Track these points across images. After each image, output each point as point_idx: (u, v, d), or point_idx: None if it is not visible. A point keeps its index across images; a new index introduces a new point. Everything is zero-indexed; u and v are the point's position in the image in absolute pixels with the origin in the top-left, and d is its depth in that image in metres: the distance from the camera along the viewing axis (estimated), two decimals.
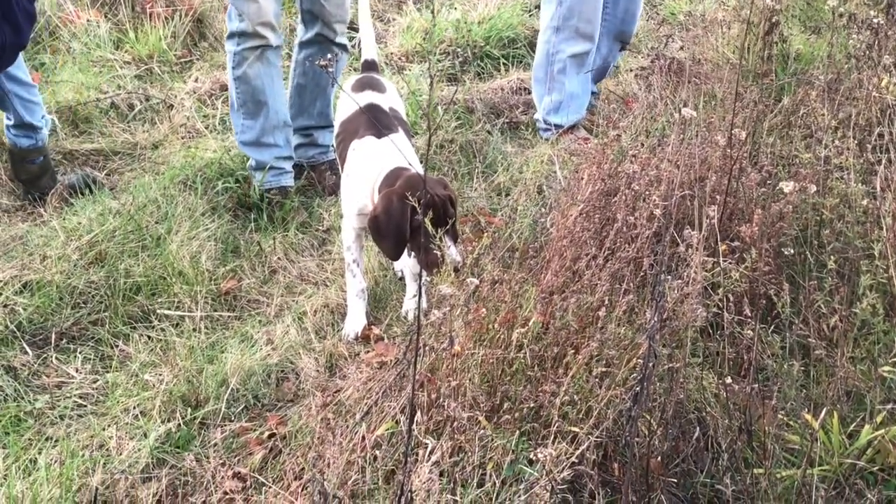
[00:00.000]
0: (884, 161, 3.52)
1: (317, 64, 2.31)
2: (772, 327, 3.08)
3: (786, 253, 3.12)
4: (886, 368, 2.71)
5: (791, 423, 2.79)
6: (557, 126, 4.93)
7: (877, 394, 2.80)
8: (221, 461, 2.77)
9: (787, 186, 3.20)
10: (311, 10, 4.31)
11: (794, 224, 3.41)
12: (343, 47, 4.43)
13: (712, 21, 5.45)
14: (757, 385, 2.73)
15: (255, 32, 4.08)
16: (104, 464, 2.81)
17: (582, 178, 3.57)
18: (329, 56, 4.26)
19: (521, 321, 2.73)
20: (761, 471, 2.60)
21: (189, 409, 3.00)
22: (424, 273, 3.15)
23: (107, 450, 2.87)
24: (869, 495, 2.64)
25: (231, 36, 4.17)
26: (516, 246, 3.57)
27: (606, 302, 2.85)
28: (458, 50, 5.66)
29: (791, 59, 5.20)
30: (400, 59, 5.66)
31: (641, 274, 3.08)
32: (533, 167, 4.53)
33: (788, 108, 4.13)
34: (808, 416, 2.67)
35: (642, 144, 3.94)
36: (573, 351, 2.66)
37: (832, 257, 3.08)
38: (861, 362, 2.93)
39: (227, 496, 2.59)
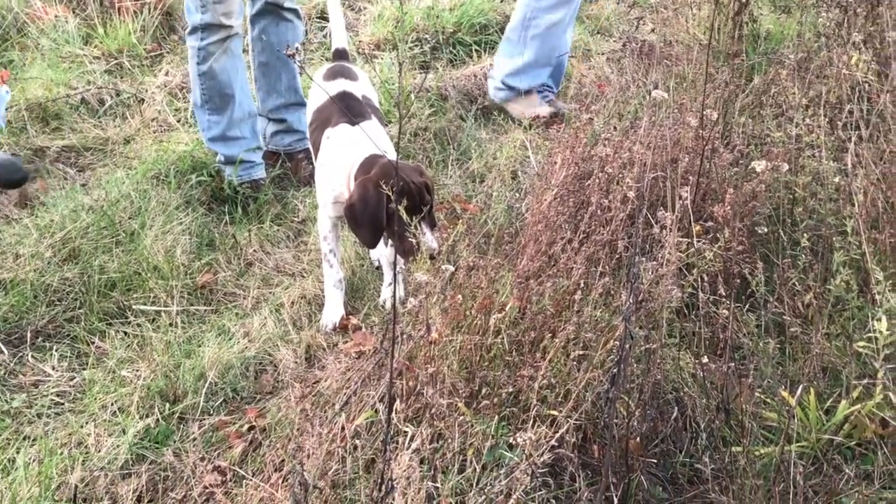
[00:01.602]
0: (854, 138, 3.54)
1: (279, 51, 2.31)
2: (747, 306, 3.10)
3: (759, 231, 3.13)
4: (861, 344, 2.73)
5: (768, 400, 2.81)
6: (512, 88, 4.98)
7: (852, 369, 2.82)
8: (201, 455, 2.76)
9: (760, 166, 3.22)
10: None
11: (766, 203, 3.43)
12: (295, 12, 4.35)
13: (682, 3, 5.45)
14: (733, 364, 2.75)
15: (220, 23, 4.01)
16: (83, 461, 2.79)
17: (556, 163, 3.57)
18: (289, 35, 4.21)
19: (497, 307, 2.73)
20: (739, 449, 2.62)
21: (167, 405, 2.99)
22: (400, 261, 3.15)
23: (85, 447, 2.85)
24: (847, 470, 2.67)
25: (194, 30, 4.09)
26: (491, 232, 3.57)
27: (582, 285, 2.86)
28: (428, 37, 5.64)
29: (761, 39, 5.22)
30: (371, 47, 5.64)
31: (617, 256, 3.09)
32: (507, 153, 4.53)
33: (759, 88, 4.14)
34: (785, 394, 2.69)
35: (615, 128, 3.95)
36: (550, 335, 2.67)
37: (805, 235, 3.10)
38: (836, 339, 2.96)
39: (208, 490, 2.58)
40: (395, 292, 2.23)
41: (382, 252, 3.37)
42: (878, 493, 2.61)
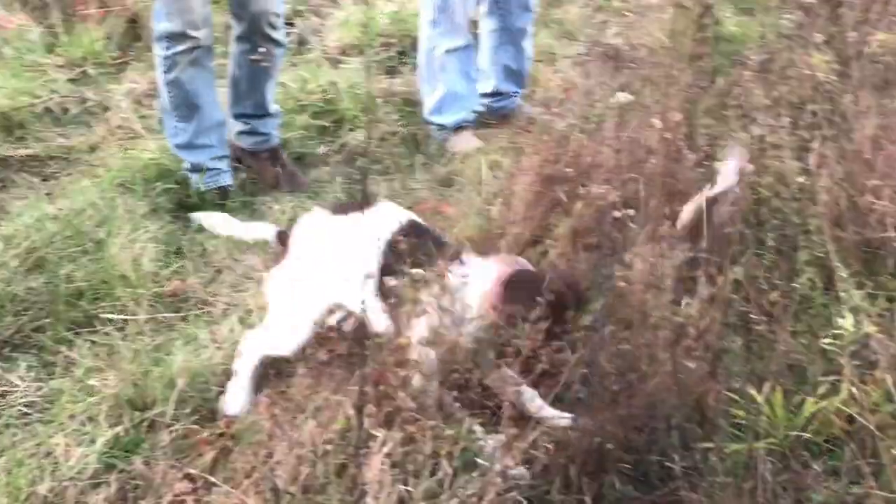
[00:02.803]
0: (817, 138, 3.59)
1: (250, 59, 2.29)
2: (714, 304, 3.12)
3: (724, 231, 3.15)
4: (826, 341, 2.75)
5: (736, 398, 2.84)
6: (442, 127, 4.83)
7: (818, 366, 2.86)
8: (171, 463, 2.74)
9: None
10: (238, 2, 4.18)
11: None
12: (276, 42, 4.29)
13: (646, 6, 5.50)
14: (704, 362, 2.77)
15: (185, 33, 3.98)
16: (52, 471, 2.76)
17: (524, 166, 3.60)
18: (262, 50, 4.17)
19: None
20: (709, 446, 2.64)
21: (136, 413, 2.97)
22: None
23: (54, 457, 2.83)
24: (815, 466, 2.70)
25: (160, 38, 4.06)
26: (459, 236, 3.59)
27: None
28: (395, 42, 5.65)
29: (725, 41, 5.27)
30: (337, 53, 5.64)
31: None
32: (475, 157, 4.55)
33: (723, 89, 4.18)
34: (753, 391, 2.72)
35: (582, 130, 3.97)
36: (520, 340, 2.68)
37: (770, 234, 3.13)
38: (802, 336, 2.99)
39: (178, 497, 2.57)
40: (365, 298, 2.24)
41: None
42: (846, 489, 2.64)
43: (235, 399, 3.01)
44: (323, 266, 2.92)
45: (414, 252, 2.63)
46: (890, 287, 3.08)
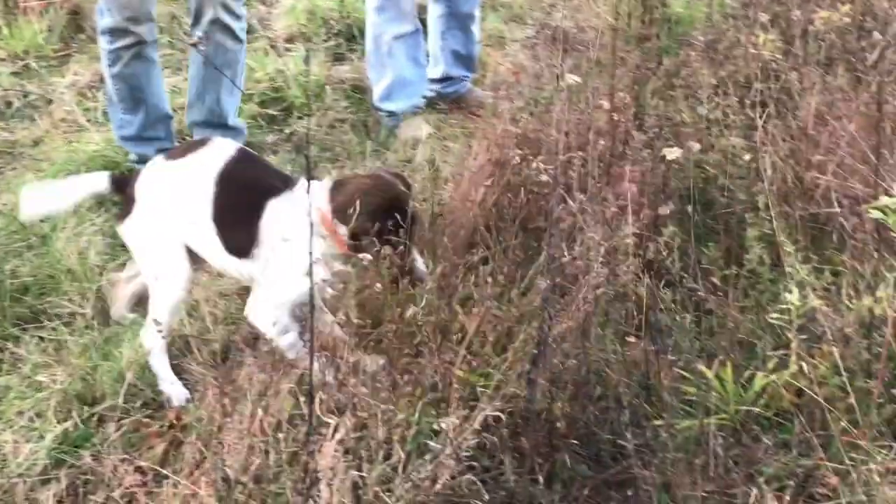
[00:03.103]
0: (762, 116, 3.62)
1: (190, 43, 2.27)
2: (663, 282, 3.14)
3: (669, 211, 3.16)
4: (774, 316, 2.78)
5: (687, 375, 2.86)
6: (391, 113, 4.79)
7: (767, 341, 2.88)
8: (121, 457, 2.72)
9: (671, 154, 3.26)
10: None
11: (680, 181, 3.48)
12: (232, 33, 4.13)
13: None
14: (653, 341, 2.79)
15: (126, 29, 3.92)
16: (1, 469, 2.73)
17: (474, 150, 3.59)
18: (199, 35, 4.06)
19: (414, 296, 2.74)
20: (661, 423, 2.66)
21: (86, 408, 2.94)
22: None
23: (2, 454, 2.79)
24: (765, 439, 2.72)
25: (103, 32, 4.01)
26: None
27: (506, 270, 2.88)
28: (343, 29, 5.62)
29: (672, 23, 5.29)
30: (284, 40, 5.59)
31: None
32: (425, 142, 4.54)
33: (670, 70, 4.20)
34: (703, 367, 2.73)
35: (531, 114, 3.98)
36: (469, 321, 2.68)
37: (718, 211, 3.16)
38: (750, 312, 3.01)
39: (129, 491, 2.54)
40: (312, 286, 2.22)
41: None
42: (796, 461, 2.66)
43: (174, 390, 3.00)
44: (170, 211, 3.00)
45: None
46: (835, 261, 3.11)
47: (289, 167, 4.39)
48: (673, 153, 3.16)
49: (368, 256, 2.67)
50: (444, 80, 5.04)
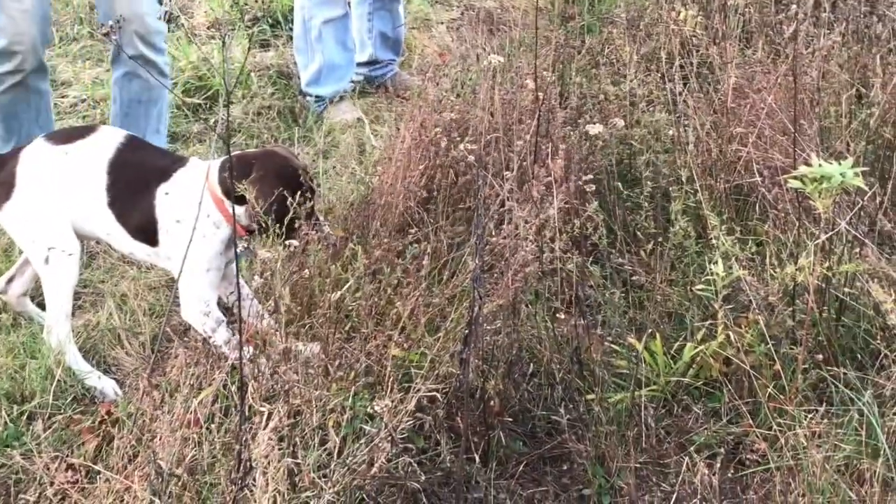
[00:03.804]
0: (685, 91, 3.67)
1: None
2: (591, 258, 3.18)
3: (594, 186, 3.19)
4: (700, 287, 2.83)
5: (617, 348, 2.90)
6: (319, 98, 4.75)
7: (694, 312, 2.93)
8: (53, 454, 2.67)
9: (594, 129, 3.29)
10: (105, 10, 3.75)
11: (605, 157, 3.51)
12: (155, 66, 3.83)
13: None
14: (583, 316, 2.82)
15: (10, 51, 3.60)
16: None
17: (402, 133, 3.58)
18: (146, 95, 3.86)
19: (345, 280, 2.74)
20: (593, 397, 2.69)
21: (14, 406, 2.88)
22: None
23: None
24: (696, 409, 2.78)
25: None
26: (333, 205, 3.56)
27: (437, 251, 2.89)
28: (267, 16, 5.56)
29: (594, 1, 5.32)
30: (207, 28, 5.52)
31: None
32: (352, 127, 4.52)
33: (594, 48, 4.24)
34: (633, 340, 2.77)
35: (458, 95, 3.98)
36: (400, 304, 2.69)
37: (645, 186, 3.19)
38: (678, 284, 3.06)
39: (62, 488, 2.50)
40: (237, 276, 2.21)
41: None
42: (725, 428, 2.72)
43: (103, 384, 2.98)
44: (59, 195, 2.95)
45: None
46: (758, 231, 3.17)
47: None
48: (595, 129, 3.19)
49: (295, 242, 2.67)
50: (372, 63, 5.02)
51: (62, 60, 5.15)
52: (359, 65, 4.97)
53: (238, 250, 2.51)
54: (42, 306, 3.11)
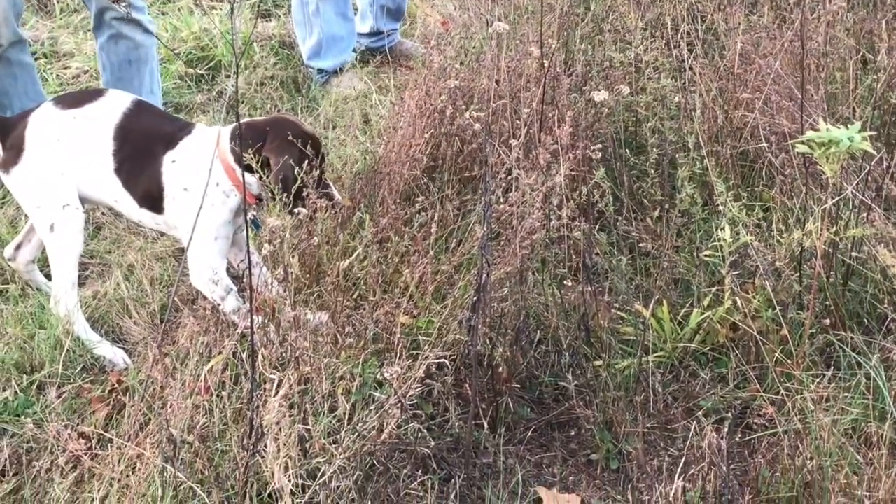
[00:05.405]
0: (691, 57, 3.65)
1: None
2: (598, 225, 3.18)
3: (601, 153, 3.18)
4: (707, 253, 2.83)
5: (624, 315, 2.90)
6: (321, 71, 4.73)
7: (701, 278, 2.94)
8: (64, 423, 2.69)
9: (599, 96, 3.28)
10: None
11: (612, 124, 3.51)
12: (139, 25, 3.84)
13: None
14: (590, 283, 2.82)
15: None
16: None
17: (406, 102, 3.57)
18: (133, 55, 3.83)
19: (352, 249, 2.74)
20: (600, 363, 2.70)
21: (24, 376, 2.90)
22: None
23: None
24: (703, 374, 2.79)
25: None
26: (341, 172, 3.56)
27: (437, 218, 2.89)
28: None
29: None
30: None
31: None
32: (356, 97, 4.51)
33: (598, 15, 4.21)
34: (640, 307, 2.78)
35: (462, 63, 3.97)
36: (408, 271, 2.69)
37: (652, 152, 3.19)
38: (684, 251, 3.06)
39: (74, 456, 2.52)
40: (248, 244, 2.21)
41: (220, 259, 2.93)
42: (733, 393, 2.74)
43: (113, 353, 2.98)
44: (66, 160, 2.95)
45: None
46: (765, 197, 3.17)
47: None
48: (601, 96, 3.18)
49: (304, 211, 2.67)
50: (374, 34, 4.99)
51: (63, 32, 5.13)
52: (360, 35, 4.94)
53: (248, 218, 2.52)
54: (50, 277, 3.11)
